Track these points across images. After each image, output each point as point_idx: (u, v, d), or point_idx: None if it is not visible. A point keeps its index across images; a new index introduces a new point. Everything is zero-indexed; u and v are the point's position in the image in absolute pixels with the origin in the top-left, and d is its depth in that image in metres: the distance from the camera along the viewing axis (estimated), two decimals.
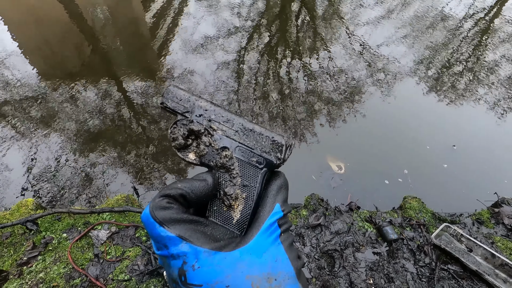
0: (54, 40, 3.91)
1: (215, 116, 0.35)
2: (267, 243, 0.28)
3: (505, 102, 3.38)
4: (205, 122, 0.35)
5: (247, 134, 0.34)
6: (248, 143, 0.34)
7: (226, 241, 0.28)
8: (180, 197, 0.28)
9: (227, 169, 0.33)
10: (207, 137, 0.35)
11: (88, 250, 1.64)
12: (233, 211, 0.32)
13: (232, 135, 0.34)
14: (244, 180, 0.33)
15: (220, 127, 0.35)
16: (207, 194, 0.31)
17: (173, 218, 0.27)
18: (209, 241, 0.27)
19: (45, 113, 2.87)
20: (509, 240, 1.90)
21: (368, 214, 1.98)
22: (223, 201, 0.32)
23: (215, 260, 0.26)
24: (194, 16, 4.51)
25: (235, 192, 0.32)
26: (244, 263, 0.26)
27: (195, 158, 0.35)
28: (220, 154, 0.34)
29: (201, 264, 0.25)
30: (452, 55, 4.05)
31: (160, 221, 0.26)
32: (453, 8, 5.09)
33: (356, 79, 3.47)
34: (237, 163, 0.34)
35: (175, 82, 3.31)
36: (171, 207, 0.27)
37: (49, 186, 2.28)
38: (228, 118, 0.35)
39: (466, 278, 1.71)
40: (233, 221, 0.32)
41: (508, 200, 2.10)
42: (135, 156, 2.55)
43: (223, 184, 0.33)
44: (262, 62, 3.70)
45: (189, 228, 0.27)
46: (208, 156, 0.34)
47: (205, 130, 0.35)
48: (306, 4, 5.12)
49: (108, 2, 4.80)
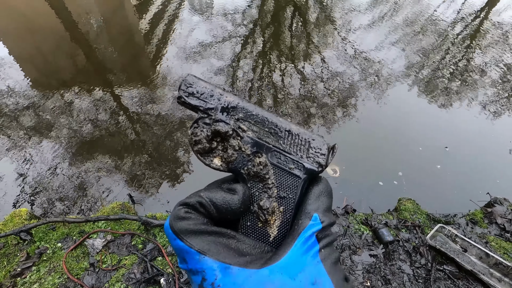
0: (47, 48, 3.91)
1: (245, 114, 0.30)
2: (303, 261, 0.23)
3: (496, 103, 3.45)
4: (233, 122, 0.29)
5: (282, 136, 0.29)
6: (285, 147, 0.29)
7: (253, 256, 0.25)
8: (200, 206, 0.25)
9: (261, 178, 0.28)
10: (236, 139, 0.29)
11: (83, 259, 1.62)
12: (270, 227, 0.28)
13: (265, 137, 0.29)
14: (281, 191, 0.28)
15: (251, 128, 0.29)
16: (234, 209, 0.26)
17: (190, 229, 0.24)
18: (232, 255, 0.24)
19: (39, 121, 2.85)
20: (502, 239, 1.93)
21: (364, 217, 2.00)
22: (258, 216, 0.28)
23: (239, 278, 0.22)
24: (188, 23, 4.55)
25: (271, 205, 0.28)
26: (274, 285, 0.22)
27: (222, 164, 0.30)
28: (253, 161, 0.28)
29: (222, 282, 0.22)
30: (443, 58, 4.14)
31: (177, 232, 0.24)
32: (442, 13, 5.21)
33: (349, 83, 3.52)
34: (272, 171, 0.29)
35: (170, 87, 3.33)
36: (189, 217, 0.25)
37: (43, 196, 2.26)
38: (260, 116, 0.30)
39: (461, 278, 1.73)
40: (269, 239, 0.27)
41: (500, 200, 2.13)
42: (130, 164, 2.54)
43: (257, 196, 0.28)
44: (256, 67, 3.74)
45: (209, 241, 0.24)
46: (237, 162, 0.29)
47: (233, 131, 0.29)
48: (299, 10, 5.20)
49: (102, 10, 4.82)
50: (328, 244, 0.25)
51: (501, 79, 3.82)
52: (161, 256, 1.69)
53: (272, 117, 0.30)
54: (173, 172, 2.49)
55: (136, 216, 1.80)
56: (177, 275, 1.59)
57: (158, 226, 1.80)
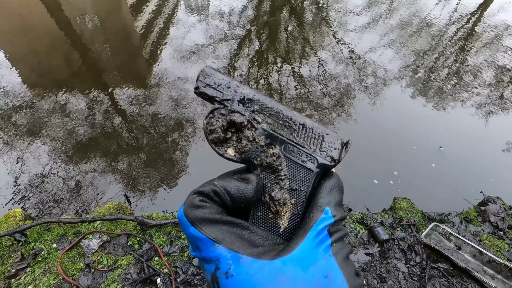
0: (41, 49, 3.88)
1: (260, 107, 0.30)
2: (315, 254, 0.23)
3: (489, 104, 3.50)
4: (248, 113, 0.30)
5: (296, 129, 0.30)
6: (298, 140, 0.29)
7: (266, 247, 0.25)
8: (214, 195, 0.25)
9: (274, 169, 0.28)
10: (251, 130, 0.29)
11: (79, 260, 1.61)
12: (280, 218, 0.28)
13: (279, 129, 0.29)
14: (293, 183, 0.28)
15: (266, 120, 0.30)
16: (246, 198, 0.26)
17: (205, 218, 0.24)
18: (246, 245, 0.24)
19: (33, 122, 2.83)
20: (495, 237, 1.96)
21: (360, 216, 2.01)
22: (269, 206, 0.28)
23: (252, 269, 0.22)
24: (185, 24, 4.55)
25: (283, 196, 0.28)
26: (286, 277, 0.21)
27: (235, 155, 0.30)
28: (266, 152, 0.29)
29: (235, 271, 0.22)
30: (437, 60, 4.19)
31: (192, 220, 0.24)
32: (437, 15, 5.28)
33: (345, 84, 3.55)
34: (285, 162, 0.29)
35: (166, 87, 3.32)
36: (204, 205, 0.25)
37: (38, 197, 2.24)
38: (275, 109, 0.30)
39: (455, 275, 1.75)
40: (279, 230, 0.27)
41: (493, 199, 2.16)
42: (126, 164, 2.53)
43: (269, 187, 0.28)
44: (252, 68, 3.75)
45: (223, 230, 0.24)
46: (251, 152, 0.29)
47: (248, 123, 0.29)
48: (295, 11, 5.23)
49: (97, 10, 4.80)
50: (339, 239, 0.25)
51: (495, 80, 3.88)
52: (157, 256, 1.68)
53: (287, 110, 0.31)
54: (169, 172, 2.49)
55: (132, 216, 1.79)
56: (173, 275, 1.59)
57: (154, 226, 1.79)
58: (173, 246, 1.73)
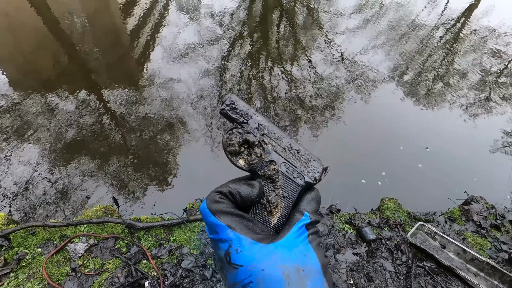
0: (29, 48, 3.80)
1: (268, 132, 0.39)
2: (297, 241, 0.32)
3: (474, 106, 3.60)
4: (259, 135, 0.39)
5: (293, 153, 0.39)
6: (293, 162, 0.39)
7: (263, 235, 0.33)
8: (229, 195, 0.34)
9: (272, 180, 0.38)
10: (259, 149, 0.38)
11: (64, 265, 1.59)
12: (272, 216, 0.37)
13: (280, 151, 0.39)
14: (285, 192, 0.38)
15: (271, 142, 0.39)
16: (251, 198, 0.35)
17: (223, 210, 0.32)
18: (250, 232, 0.32)
19: (19, 123, 2.76)
20: (478, 236, 2.02)
21: (348, 216, 2.04)
22: (266, 207, 0.37)
23: (254, 248, 0.31)
24: (176, 25, 4.52)
25: (276, 201, 0.37)
26: (278, 255, 0.31)
27: (244, 165, 0.38)
28: (269, 167, 0.38)
29: (243, 249, 0.30)
30: (425, 62, 4.28)
31: (213, 211, 0.32)
32: (424, 19, 5.40)
33: (336, 85, 3.59)
34: (281, 176, 0.38)
35: (158, 88, 3.30)
36: (222, 201, 0.33)
37: (23, 200, 2.19)
38: (279, 135, 0.39)
39: (440, 273, 1.79)
40: (270, 225, 0.36)
41: (476, 198, 2.23)
42: (114, 167, 2.50)
43: (267, 193, 0.37)
44: (244, 70, 3.75)
45: (235, 220, 0.32)
46: (257, 165, 0.38)
47: (258, 143, 0.38)
48: (287, 13, 5.27)
49: (86, 10, 4.73)
50: (313, 233, 0.35)
51: (480, 82, 3.99)
52: (145, 259, 1.67)
53: (288, 138, 0.40)
54: (159, 174, 2.47)
55: (120, 219, 1.77)
56: (162, 278, 1.58)
57: (142, 229, 1.78)
58: (162, 248, 1.72)
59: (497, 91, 3.91)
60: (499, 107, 3.64)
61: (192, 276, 1.63)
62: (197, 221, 1.87)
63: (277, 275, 0.29)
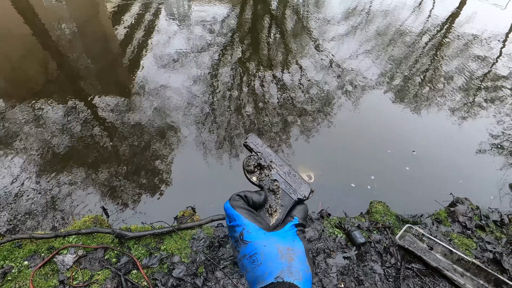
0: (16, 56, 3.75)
1: (275, 160, 0.56)
2: (289, 233, 0.46)
3: (460, 109, 3.71)
4: (268, 162, 0.55)
5: (290, 176, 0.55)
6: (290, 182, 0.54)
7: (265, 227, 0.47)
8: (245, 197, 0.48)
9: (274, 192, 0.52)
10: (267, 170, 0.55)
11: (52, 277, 1.56)
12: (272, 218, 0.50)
13: (281, 174, 0.55)
14: (282, 202, 0.52)
15: (276, 167, 0.55)
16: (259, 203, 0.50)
17: (240, 206, 0.46)
18: (257, 222, 0.45)
19: (6, 133, 2.72)
20: (464, 236, 2.07)
21: (338, 220, 2.07)
22: (267, 210, 0.50)
23: (259, 232, 0.44)
24: (166, 32, 4.54)
25: (275, 207, 0.51)
26: (275, 238, 0.44)
27: (256, 181, 0.54)
28: (273, 183, 0.53)
29: (252, 231, 0.44)
30: (412, 67, 4.40)
31: (234, 206, 0.46)
32: (410, 25, 5.56)
33: (326, 91, 3.66)
34: (281, 191, 0.53)
35: (148, 96, 3.30)
36: (240, 200, 0.47)
37: (9, 212, 2.15)
38: (281, 164, 0.56)
39: (428, 275, 1.83)
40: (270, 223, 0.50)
41: (462, 200, 2.29)
42: (104, 175, 2.47)
43: (269, 201, 0.51)
44: (235, 76, 3.79)
45: (247, 213, 0.46)
46: (264, 182, 0.54)
47: (268, 166, 0.55)
48: (276, 20, 5.35)
49: (75, 17, 4.71)
50: (300, 230, 0.48)
51: (465, 86, 4.12)
52: (136, 269, 1.66)
53: (288, 167, 0.56)
54: (149, 183, 2.46)
55: (110, 229, 1.75)
56: (152, 287, 1.57)
57: (133, 239, 1.77)
58: (152, 258, 1.71)
59: (482, 94, 4.04)
60: (483, 110, 3.76)
61: (183, 285, 1.62)
62: (187, 229, 1.87)
63: (274, 250, 0.42)
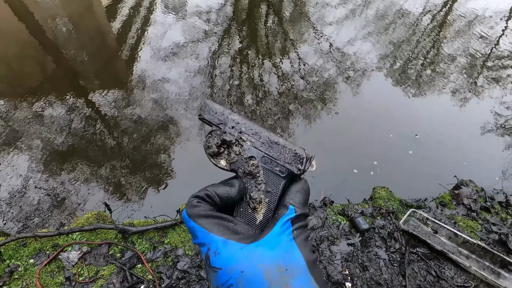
0: (11, 55, 3.71)
1: (245, 129, 0.40)
2: (280, 239, 0.31)
3: (463, 91, 3.63)
4: (236, 134, 0.40)
5: (272, 146, 0.39)
6: (273, 154, 0.38)
7: (245, 235, 0.33)
8: (207, 197, 0.34)
9: (253, 176, 0.38)
10: (237, 147, 0.39)
11: (58, 274, 1.58)
12: (257, 213, 0.36)
13: (259, 146, 0.39)
14: (268, 187, 0.37)
15: (249, 139, 0.39)
16: (231, 197, 0.35)
17: (200, 214, 0.33)
18: (229, 233, 0.32)
19: (6, 132, 2.71)
20: (469, 219, 2.05)
21: (341, 208, 2.05)
22: (249, 204, 0.37)
23: (233, 249, 0.30)
24: (162, 24, 4.45)
25: (259, 196, 0.37)
26: (258, 254, 0.30)
27: (226, 165, 0.40)
28: (248, 163, 0.38)
29: (221, 251, 0.30)
30: (414, 49, 4.29)
31: (191, 216, 0.32)
32: (411, 6, 5.40)
33: (326, 77, 3.59)
34: (262, 171, 0.38)
35: (148, 89, 3.26)
36: (200, 205, 0.33)
37: (14, 211, 2.16)
38: (256, 131, 0.40)
39: (433, 258, 1.82)
40: (256, 222, 0.36)
41: (466, 182, 2.26)
42: (107, 171, 2.47)
43: (249, 189, 0.37)
44: (234, 66, 3.72)
45: (213, 222, 0.32)
46: (237, 163, 0.39)
47: (236, 141, 0.39)
48: (274, 6, 5.21)
49: (69, 13, 4.63)
50: (299, 227, 0.33)
51: (468, 66, 4.02)
52: (140, 263, 1.67)
53: (266, 131, 0.40)
54: (152, 177, 2.45)
55: (113, 224, 1.76)
56: (157, 281, 1.58)
57: (136, 233, 1.77)
58: (156, 251, 1.71)
59: (485, 74, 3.94)
60: (487, 90, 3.67)
61: (188, 277, 1.63)
62: None
63: (258, 276, 0.28)
